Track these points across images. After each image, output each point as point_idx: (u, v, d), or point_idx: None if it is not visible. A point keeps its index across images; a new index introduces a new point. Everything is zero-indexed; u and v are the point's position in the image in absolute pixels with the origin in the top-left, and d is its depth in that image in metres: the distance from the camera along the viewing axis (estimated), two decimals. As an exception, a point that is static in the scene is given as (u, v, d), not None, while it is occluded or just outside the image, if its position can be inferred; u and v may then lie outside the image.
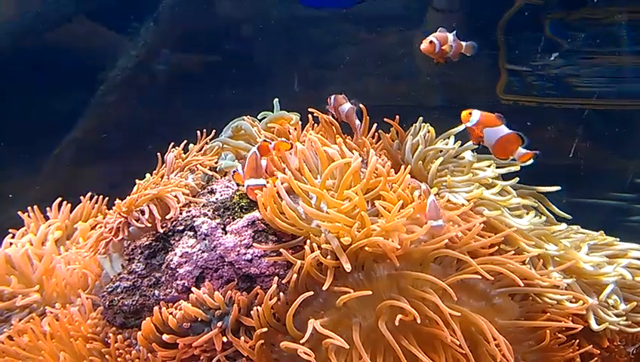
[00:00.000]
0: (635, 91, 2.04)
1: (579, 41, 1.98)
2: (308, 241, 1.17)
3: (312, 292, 1.12)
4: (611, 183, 2.18)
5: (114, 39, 2.38)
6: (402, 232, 1.13)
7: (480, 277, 1.13)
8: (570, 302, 1.26)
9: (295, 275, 1.14)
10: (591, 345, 1.26)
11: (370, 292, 1.09)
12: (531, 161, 1.25)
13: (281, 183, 1.23)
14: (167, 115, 2.42)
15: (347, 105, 1.50)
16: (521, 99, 2.06)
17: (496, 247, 1.23)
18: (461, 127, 1.54)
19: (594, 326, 1.27)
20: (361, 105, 1.50)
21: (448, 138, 1.56)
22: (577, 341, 1.23)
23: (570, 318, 1.22)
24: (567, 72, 2.02)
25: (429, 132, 1.53)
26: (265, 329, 1.12)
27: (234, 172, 1.32)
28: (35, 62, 2.26)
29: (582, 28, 1.98)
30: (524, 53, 2.06)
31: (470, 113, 1.28)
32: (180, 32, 2.44)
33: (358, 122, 1.49)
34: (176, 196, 1.33)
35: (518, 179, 1.47)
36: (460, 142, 1.54)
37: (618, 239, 1.48)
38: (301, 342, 1.07)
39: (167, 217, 1.31)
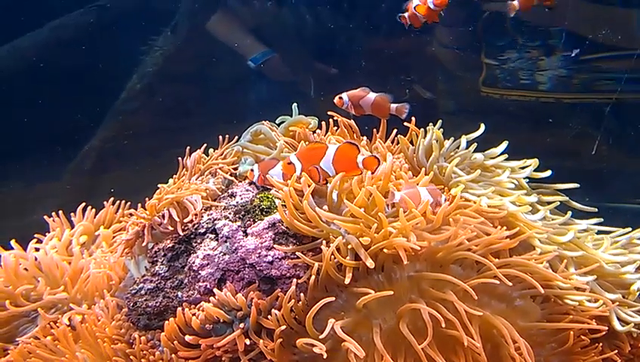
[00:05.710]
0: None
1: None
2: (324, 242, 1.18)
3: (333, 298, 1.12)
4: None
5: (132, 48, 2.43)
6: (418, 229, 1.14)
7: (499, 282, 1.12)
8: (590, 302, 1.25)
9: (313, 277, 1.15)
10: (616, 351, 1.24)
11: (392, 292, 1.09)
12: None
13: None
14: (186, 121, 2.46)
15: (372, 95, 1.37)
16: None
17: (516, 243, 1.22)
18: (477, 133, 1.55)
19: (618, 327, 1.26)
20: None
21: (460, 142, 1.55)
22: (600, 344, 1.22)
23: (594, 320, 1.21)
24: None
25: (437, 137, 1.52)
26: (284, 327, 1.13)
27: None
28: (56, 72, 2.32)
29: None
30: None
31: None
32: (197, 40, 2.49)
33: (394, 105, 1.36)
34: (196, 200, 1.35)
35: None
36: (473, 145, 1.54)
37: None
38: (320, 338, 1.07)
39: (186, 220, 1.33)
